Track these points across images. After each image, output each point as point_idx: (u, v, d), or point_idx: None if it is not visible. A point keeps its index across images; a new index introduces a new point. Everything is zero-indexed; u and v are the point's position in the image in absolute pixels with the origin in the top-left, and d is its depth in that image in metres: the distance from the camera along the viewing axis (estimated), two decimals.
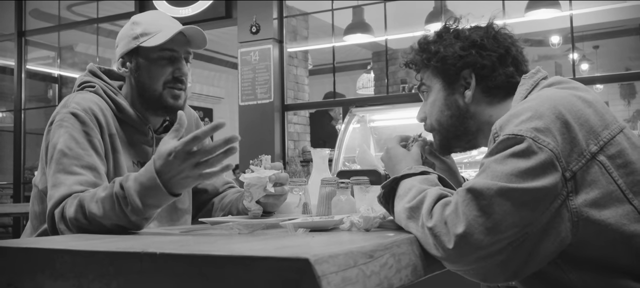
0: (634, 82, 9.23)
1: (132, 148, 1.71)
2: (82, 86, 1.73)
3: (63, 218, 1.44)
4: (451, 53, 1.38)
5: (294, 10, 6.09)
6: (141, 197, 1.34)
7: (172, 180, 1.33)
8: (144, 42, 1.67)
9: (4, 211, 5.31)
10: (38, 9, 7.25)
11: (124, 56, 1.71)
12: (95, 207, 1.38)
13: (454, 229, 1.06)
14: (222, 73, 10.27)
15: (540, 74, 1.34)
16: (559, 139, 1.10)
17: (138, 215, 1.36)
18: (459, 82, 1.39)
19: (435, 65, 1.41)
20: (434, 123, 1.45)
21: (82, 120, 1.57)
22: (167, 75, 1.68)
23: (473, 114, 1.39)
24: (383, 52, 7.47)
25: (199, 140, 1.30)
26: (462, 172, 3.77)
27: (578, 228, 1.09)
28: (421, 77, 1.47)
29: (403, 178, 1.26)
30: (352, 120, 4.41)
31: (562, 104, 1.15)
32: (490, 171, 1.10)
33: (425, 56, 1.44)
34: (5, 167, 8.04)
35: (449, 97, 1.41)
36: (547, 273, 1.17)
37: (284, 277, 0.80)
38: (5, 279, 1.06)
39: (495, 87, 1.36)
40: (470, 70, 1.37)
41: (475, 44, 1.37)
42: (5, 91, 8.28)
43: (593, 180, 1.10)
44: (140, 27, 1.69)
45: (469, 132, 1.41)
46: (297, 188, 1.67)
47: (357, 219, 1.25)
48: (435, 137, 1.48)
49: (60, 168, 1.51)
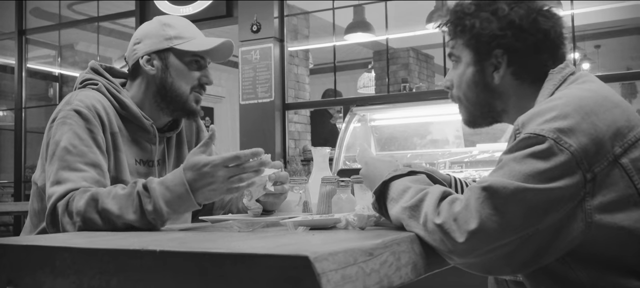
0: (635, 81, 9.22)
1: (134, 146, 1.71)
2: (85, 83, 1.72)
3: (68, 211, 1.44)
4: (486, 31, 1.32)
5: (295, 9, 6.09)
6: (167, 203, 1.37)
7: (200, 191, 1.38)
8: (179, 44, 1.70)
9: (5, 210, 5.31)
10: (39, 7, 7.25)
11: (152, 54, 1.72)
12: (112, 202, 1.40)
13: (465, 225, 1.05)
14: (223, 72, 10.26)
15: (568, 69, 1.30)
16: (584, 140, 1.08)
17: (158, 217, 1.38)
18: (489, 60, 1.34)
19: (469, 39, 1.35)
20: (461, 96, 1.41)
21: (86, 118, 1.57)
22: (195, 79, 1.73)
23: (500, 94, 1.36)
24: (384, 51, 7.47)
25: (239, 160, 1.37)
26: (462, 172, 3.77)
27: (590, 229, 1.08)
28: (452, 44, 1.41)
29: (392, 180, 1.24)
30: (353, 119, 4.41)
31: (589, 104, 1.13)
32: (508, 169, 1.09)
33: (459, 28, 1.37)
34: (5, 166, 8.05)
35: (477, 73, 1.36)
36: (554, 269, 1.16)
37: (284, 275, 0.80)
38: (5, 277, 1.06)
39: (526, 72, 1.33)
40: (503, 51, 1.32)
41: (513, 24, 1.30)
42: (6, 90, 8.28)
43: (612, 182, 1.09)
44: (174, 30, 1.72)
45: (494, 110, 1.39)
46: (297, 187, 1.67)
47: (352, 217, 1.26)
48: (461, 109, 1.44)
49: (64, 165, 1.51)
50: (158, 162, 1.77)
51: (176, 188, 1.38)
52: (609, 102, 1.15)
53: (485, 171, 3.70)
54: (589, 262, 1.13)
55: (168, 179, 1.40)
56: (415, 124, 4.53)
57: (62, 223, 1.44)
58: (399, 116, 4.62)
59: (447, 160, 3.97)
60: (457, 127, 4.30)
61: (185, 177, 1.38)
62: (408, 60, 8.37)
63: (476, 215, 1.05)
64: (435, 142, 4.41)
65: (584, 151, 1.07)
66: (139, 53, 1.73)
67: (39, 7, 7.24)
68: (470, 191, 1.09)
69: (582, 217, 1.07)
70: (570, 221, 1.07)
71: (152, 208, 1.37)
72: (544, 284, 1.21)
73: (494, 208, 1.05)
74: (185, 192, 1.37)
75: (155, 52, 1.71)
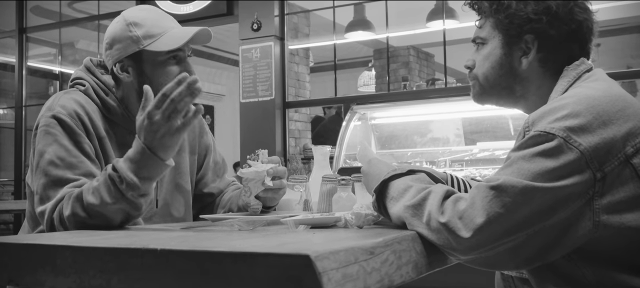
0: (635, 79, 9.20)
1: (124, 149, 1.67)
2: (74, 83, 1.67)
3: (61, 221, 1.43)
4: (522, 13, 1.29)
5: (296, 8, 6.08)
6: (134, 172, 1.39)
7: (154, 143, 1.39)
8: (149, 45, 1.58)
9: (5, 208, 5.32)
10: (39, 5, 7.25)
11: (123, 60, 1.61)
12: (92, 196, 1.39)
13: (471, 223, 1.05)
14: (224, 70, 10.27)
15: (583, 66, 1.29)
16: (595, 139, 1.07)
17: (134, 190, 1.39)
18: (519, 44, 1.31)
19: (502, 19, 1.32)
20: (480, 76, 1.38)
21: (68, 127, 1.52)
22: (174, 75, 1.55)
23: (523, 80, 1.33)
24: (384, 50, 7.46)
25: (166, 96, 1.38)
26: (462, 171, 3.77)
27: (598, 228, 1.08)
28: (480, 25, 1.38)
29: (392, 179, 1.23)
30: (354, 118, 4.41)
31: (602, 104, 1.12)
32: (517, 167, 1.08)
33: (494, 7, 1.33)
34: (6, 164, 8.05)
35: (505, 56, 1.33)
36: (559, 266, 1.16)
37: (285, 273, 0.80)
38: (6, 275, 1.06)
39: (553, 61, 1.31)
40: (535, 36, 1.29)
41: (550, 11, 1.27)
42: (6, 88, 8.28)
43: (622, 182, 1.08)
44: (141, 29, 1.58)
45: (512, 94, 1.36)
46: (298, 185, 1.67)
47: (350, 216, 1.26)
48: (474, 86, 1.41)
49: (50, 180, 1.48)
50: None
51: (137, 155, 1.40)
52: (621, 102, 1.14)
53: (485, 169, 3.70)
54: (595, 259, 1.12)
55: (130, 152, 1.42)
56: (416, 122, 4.53)
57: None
58: (400, 114, 4.62)
59: (448, 158, 3.97)
60: (458, 125, 4.30)
61: (141, 140, 1.40)
62: (408, 59, 8.36)
63: (483, 212, 1.05)
64: (435, 141, 4.41)
65: (595, 150, 1.06)
66: (110, 61, 1.63)
67: (39, 5, 7.24)
68: (477, 189, 1.08)
69: (590, 216, 1.07)
70: (578, 220, 1.07)
71: (125, 186, 1.38)
72: (548, 280, 1.20)
73: (502, 206, 1.05)
74: (146, 153, 1.39)
75: (126, 57, 1.60)
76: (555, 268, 1.17)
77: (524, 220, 1.05)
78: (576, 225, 1.07)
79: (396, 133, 4.55)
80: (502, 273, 1.73)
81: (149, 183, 1.42)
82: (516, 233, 1.05)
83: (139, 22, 1.60)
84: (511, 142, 3.60)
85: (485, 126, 4.11)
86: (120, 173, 1.38)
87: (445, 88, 5.33)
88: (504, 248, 1.06)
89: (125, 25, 1.60)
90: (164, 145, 1.40)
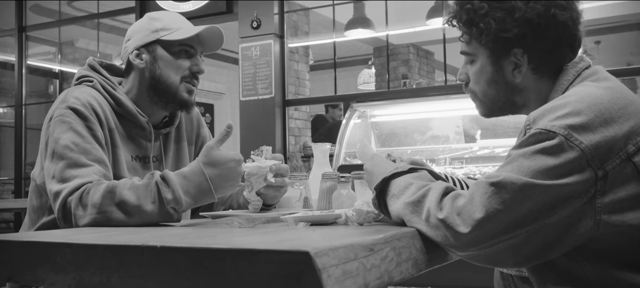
0: (635, 77, 9.20)
1: (130, 143, 1.72)
2: (80, 80, 1.73)
3: (82, 204, 1.44)
4: (503, 34, 1.26)
5: (295, 6, 6.08)
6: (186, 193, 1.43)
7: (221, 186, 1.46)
8: (165, 35, 1.72)
9: (5, 207, 5.32)
10: (38, 4, 7.24)
11: (140, 48, 1.73)
12: (129, 193, 1.42)
13: (470, 218, 1.05)
14: (223, 68, 10.25)
15: (583, 63, 1.28)
16: (596, 137, 1.07)
17: (178, 207, 1.43)
18: (509, 58, 1.29)
19: (486, 41, 1.28)
20: (479, 94, 1.37)
21: (83, 115, 1.58)
22: (185, 69, 1.73)
23: (521, 90, 1.32)
24: (384, 48, 7.46)
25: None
26: (463, 168, 3.78)
27: (599, 227, 1.08)
28: (466, 41, 1.34)
29: (393, 177, 1.24)
30: (353, 116, 4.41)
31: (603, 102, 1.12)
32: (517, 165, 1.08)
33: (474, 31, 1.30)
34: (6, 163, 8.05)
35: (497, 72, 1.31)
36: (560, 263, 1.16)
37: (285, 270, 0.80)
38: (6, 273, 1.06)
39: (546, 66, 1.29)
40: (523, 50, 1.27)
41: (532, 24, 1.24)
42: (6, 87, 8.28)
43: (624, 181, 1.08)
44: (160, 23, 1.74)
45: (515, 105, 1.35)
46: (298, 183, 1.67)
47: (351, 213, 1.26)
48: (477, 104, 1.40)
49: (69, 163, 1.51)
50: (154, 159, 1.77)
51: (195, 179, 1.44)
52: (623, 100, 1.14)
53: (485, 167, 3.70)
54: (596, 257, 1.12)
55: (185, 171, 1.46)
56: (416, 120, 4.53)
57: (75, 216, 1.44)
58: (399, 112, 4.61)
59: (448, 156, 3.97)
60: (458, 123, 4.30)
61: (207, 173, 1.43)
62: (408, 57, 8.36)
63: (481, 208, 1.05)
64: (435, 138, 4.41)
65: (596, 149, 1.06)
66: (129, 49, 1.75)
67: (39, 4, 7.23)
68: (476, 186, 1.08)
69: (592, 214, 1.07)
70: (580, 218, 1.07)
71: (172, 197, 1.41)
72: (548, 278, 1.20)
73: (502, 203, 1.05)
74: (207, 186, 1.43)
75: (143, 45, 1.73)
76: (555, 266, 1.17)
77: (523, 217, 1.05)
78: (577, 223, 1.07)
79: (396, 131, 4.54)
80: (501, 272, 1.74)
81: (189, 206, 1.46)
82: (515, 230, 1.05)
83: (160, 18, 1.76)
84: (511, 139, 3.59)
85: (485, 123, 4.11)
86: (170, 184, 1.43)
87: (445, 85, 5.33)
88: (504, 245, 1.06)
89: (148, 19, 1.77)
90: (225, 192, 1.50)
